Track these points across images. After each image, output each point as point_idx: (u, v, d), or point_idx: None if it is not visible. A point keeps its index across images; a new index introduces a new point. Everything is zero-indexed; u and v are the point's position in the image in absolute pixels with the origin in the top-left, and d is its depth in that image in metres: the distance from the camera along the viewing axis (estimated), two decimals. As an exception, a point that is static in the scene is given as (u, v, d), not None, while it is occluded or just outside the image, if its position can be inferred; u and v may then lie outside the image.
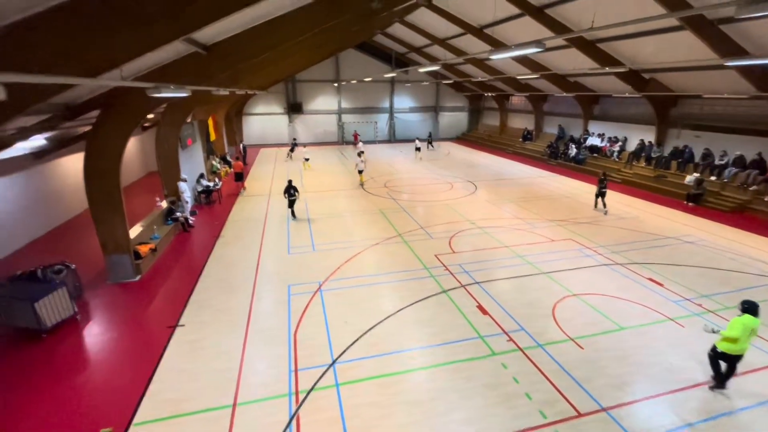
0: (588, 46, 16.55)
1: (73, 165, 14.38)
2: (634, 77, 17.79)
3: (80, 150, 14.17)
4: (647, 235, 12.33)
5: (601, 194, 14.95)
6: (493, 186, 19.31)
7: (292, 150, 28.04)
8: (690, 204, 15.78)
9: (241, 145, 26.54)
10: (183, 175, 14.44)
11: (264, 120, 34.10)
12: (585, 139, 24.01)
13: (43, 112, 8.50)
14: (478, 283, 9.23)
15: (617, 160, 21.39)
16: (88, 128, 11.77)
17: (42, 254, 10.71)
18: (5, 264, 10.27)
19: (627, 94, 19.83)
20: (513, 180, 20.90)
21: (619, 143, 21.62)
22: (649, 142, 19.78)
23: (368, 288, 9.06)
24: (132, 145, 19.92)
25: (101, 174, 8.94)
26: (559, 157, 25.07)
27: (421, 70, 17.47)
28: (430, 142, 32.49)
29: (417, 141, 29.40)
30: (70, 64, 4.85)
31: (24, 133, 9.13)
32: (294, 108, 34.38)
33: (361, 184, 19.43)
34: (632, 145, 21.04)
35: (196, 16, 5.06)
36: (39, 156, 12.68)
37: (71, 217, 14.40)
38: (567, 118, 26.44)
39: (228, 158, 24.06)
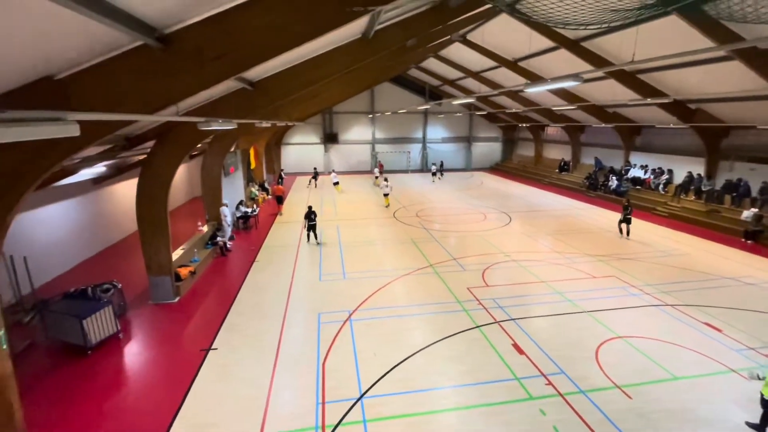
0: (628, 77, 16.22)
1: (124, 190, 15.52)
2: (679, 108, 17.14)
3: (133, 176, 15.30)
4: (700, 274, 11.45)
5: (625, 221, 14.96)
6: (529, 217, 18.84)
7: (315, 178, 28.58)
8: (748, 242, 14.58)
9: (282, 172, 27.56)
10: (225, 200, 15.09)
11: (301, 149, 35.51)
12: (626, 171, 23.10)
13: (105, 142, 9.34)
14: (513, 319, 8.84)
15: (663, 192, 20.32)
16: (142, 157, 12.76)
17: (94, 273, 11.43)
18: (61, 281, 11.04)
19: (672, 125, 19.06)
20: (549, 211, 20.30)
21: (665, 176, 20.59)
22: (698, 174, 18.72)
23: (398, 319, 8.90)
24: (179, 172, 21.29)
25: (151, 199, 9.59)
26: (598, 188, 24.19)
27: (455, 102, 17.74)
28: (440, 171, 32.67)
29: (433, 167, 31.53)
30: (133, 103, 5.36)
31: (88, 162, 10.04)
32: (330, 138, 35.63)
33: (386, 206, 20.42)
34: (679, 178, 19.97)
35: (248, 57, 5.48)
36: (97, 182, 13.81)
37: (121, 239, 15.39)
38: (606, 149, 25.66)
39: (266, 185, 25.06)
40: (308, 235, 14.85)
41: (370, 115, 35.56)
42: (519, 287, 10.71)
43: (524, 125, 32.72)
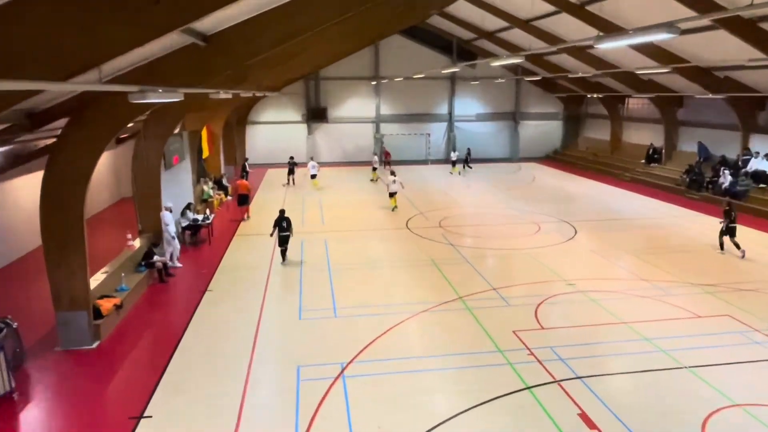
0: (745, 27, 16.17)
1: (24, 189, 15.73)
2: (822, 71, 17.01)
3: (36, 169, 15.50)
4: None
5: (729, 231, 15.11)
6: (602, 229, 18.74)
7: (291, 172, 28.47)
8: None
9: (246, 163, 27.87)
10: (168, 203, 15.22)
11: (275, 131, 35.95)
12: (745, 162, 22.92)
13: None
14: (580, 377, 8.74)
15: (799, 194, 20.12)
16: (50, 141, 12.94)
17: (-22, 306, 11.54)
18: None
19: (811, 96, 18.90)
20: (632, 221, 20.18)
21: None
22: None
23: (412, 377, 8.84)
24: (101, 163, 21.59)
25: (61, 201, 9.70)
26: (704, 187, 23.98)
27: (495, 63, 17.82)
28: (467, 162, 32.98)
29: (454, 155, 32.10)
30: (36, 65, 5.45)
31: (-26, 148, 10.22)
32: (315, 114, 36.05)
33: (393, 209, 21.25)
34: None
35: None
36: (-13, 176, 14.05)
37: (18, 258, 15.57)
38: (716, 130, 25.58)
39: (224, 182, 25.31)
40: (283, 253, 15.12)
41: (374, 83, 35.88)
42: (588, 331, 10.57)
43: (595, 96, 32.75)
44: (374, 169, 29.87)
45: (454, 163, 32.52)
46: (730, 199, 16.15)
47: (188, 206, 17.46)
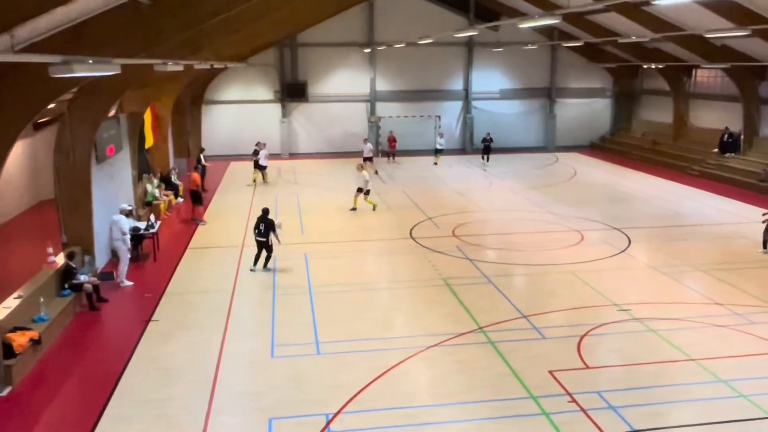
0: None
1: None
2: None
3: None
4: None
5: None
6: (664, 238, 18.80)
7: (259, 166, 28.39)
8: None
9: (202, 155, 27.86)
10: (125, 205, 15.85)
11: (240, 112, 35.99)
12: None
13: None
14: (636, 431, 8.73)
15: None
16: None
17: None
18: None
19: None
20: (702, 227, 20.24)
21: None
22: None
23: (418, 431, 8.82)
24: (14, 155, 21.55)
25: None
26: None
27: (524, 24, 17.87)
28: (486, 152, 33.07)
29: (440, 140, 32.89)
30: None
31: None
32: (292, 91, 36.13)
33: (362, 208, 21.96)
34: None
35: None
36: None
37: None
38: (808, 110, 25.64)
39: (174, 179, 25.28)
40: (255, 257, 15.50)
41: (367, 50, 35.97)
42: (647, 370, 10.52)
43: (654, 66, 32.89)
44: (365, 160, 29.30)
45: (437, 151, 32.92)
46: None
47: (129, 212, 17.38)
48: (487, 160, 33.03)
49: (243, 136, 34.67)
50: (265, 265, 15.91)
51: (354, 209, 22.47)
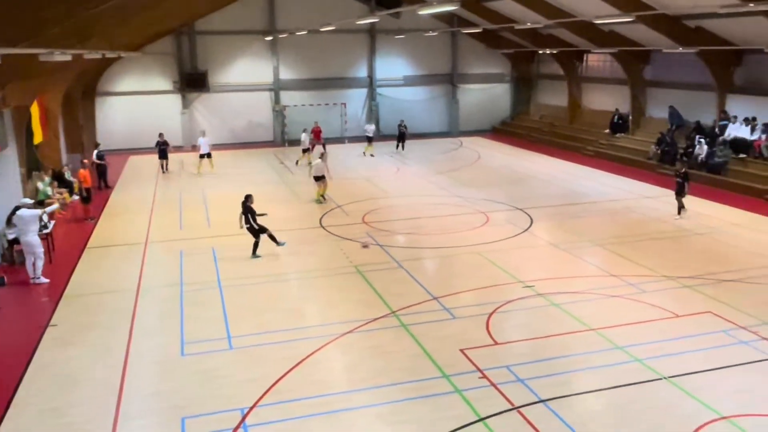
0: (716, -33, 17.48)
1: None
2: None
3: None
4: None
5: (680, 190, 18.83)
6: (563, 216, 19.63)
7: (163, 155, 28.16)
8: None
9: (97, 149, 26.59)
10: (26, 200, 15.46)
11: (137, 104, 34.57)
12: (722, 129, 24.82)
13: None
14: (543, 401, 9.09)
15: (782, 164, 22.10)
16: None
17: None
18: None
19: (790, 49, 20.75)
20: (597, 204, 21.29)
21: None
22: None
23: (337, 419, 8.82)
24: None
25: None
26: (678, 160, 25.69)
27: (424, 11, 18.12)
28: (400, 139, 33.22)
29: (369, 128, 32.58)
30: None
31: None
32: (192, 81, 35.05)
33: (321, 198, 22.20)
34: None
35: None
36: None
37: None
38: (688, 91, 27.52)
39: (68, 176, 24.10)
40: (255, 246, 16.11)
41: (269, 38, 35.39)
42: (551, 342, 10.99)
43: (548, 52, 34.15)
44: (305, 150, 29.33)
45: (370, 140, 32.66)
46: (682, 168, 19.68)
47: (16, 210, 16.42)
48: (402, 148, 33.12)
49: (141, 128, 33.34)
50: (253, 252, 16.08)
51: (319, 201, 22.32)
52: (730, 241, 16.74)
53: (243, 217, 16.01)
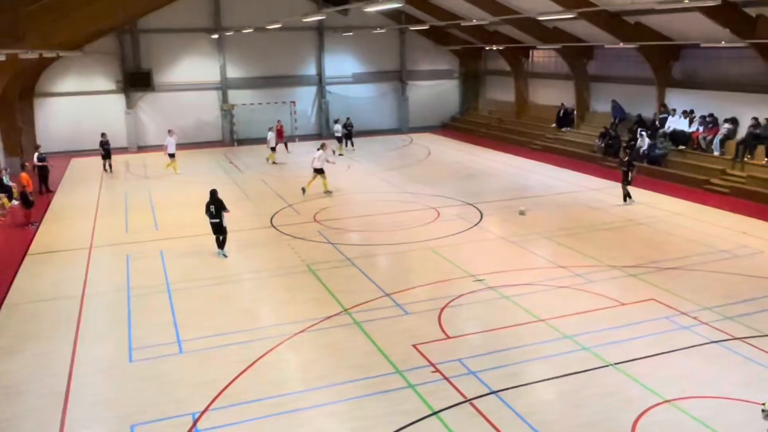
0: (652, -35, 17.99)
1: None
2: (733, 13, 19.45)
3: None
4: (781, 283, 13.16)
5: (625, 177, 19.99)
6: (512, 210, 19.95)
7: (106, 155, 28.12)
8: None
9: (35, 156, 25.72)
10: None
11: (79, 105, 33.57)
12: (662, 122, 25.63)
13: None
14: (495, 392, 9.26)
15: (719, 154, 22.94)
16: None
17: None
18: None
19: (723, 44, 21.56)
20: (545, 197, 21.73)
21: (726, 125, 23.15)
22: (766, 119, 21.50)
23: (291, 419, 8.80)
24: None
25: None
26: (621, 151, 26.38)
27: (371, 8, 18.13)
28: (347, 137, 33.26)
29: (338, 127, 32.09)
30: None
31: None
32: (136, 80, 34.23)
33: (328, 190, 22.91)
34: (744, 128, 22.70)
35: None
36: None
37: None
38: (630, 85, 28.30)
39: (6, 180, 23.23)
40: (216, 241, 16.06)
41: (215, 36, 34.84)
42: (502, 335, 11.19)
43: (495, 48, 34.59)
44: (272, 148, 29.59)
45: (340, 140, 32.35)
46: (628, 156, 20.75)
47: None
48: (352, 146, 33.04)
49: (84, 130, 32.53)
50: (221, 246, 16.06)
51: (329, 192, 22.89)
52: (671, 230, 17.31)
53: (212, 208, 15.83)
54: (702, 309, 11.95)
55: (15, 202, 22.22)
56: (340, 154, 31.33)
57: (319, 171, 22.40)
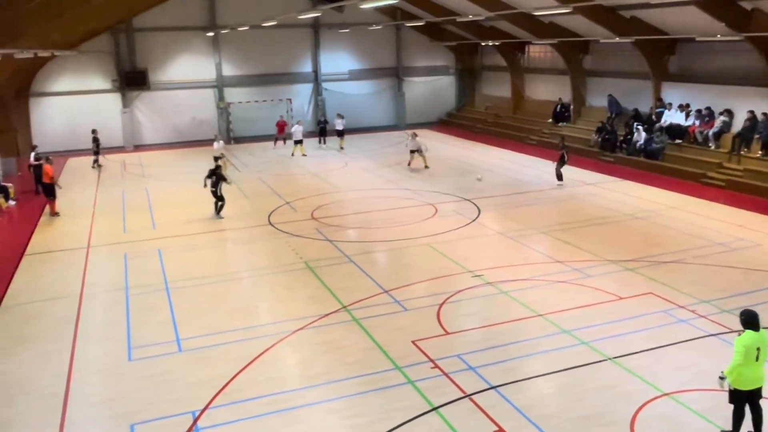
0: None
1: None
2: (728, 7, 19.47)
3: None
4: (778, 276, 13.20)
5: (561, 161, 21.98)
6: (509, 205, 19.96)
7: (97, 152, 28.66)
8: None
9: (32, 155, 25.69)
10: None
11: (75, 104, 33.51)
12: (659, 116, 25.65)
13: None
14: (494, 387, 9.27)
15: (714, 148, 22.97)
16: None
17: None
18: None
19: (719, 37, 21.58)
20: (542, 192, 21.74)
21: (722, 118, 23.17)
22: (764, 114, 21.52)
23: (291, 417, 8.80)
24: None
25: None
26: (618, 147, 26.46)
27: (366, 5, 18.09)
28: (322, 133, 33.82)
29: (339, 122, 32.51)
30: None
31: None
32: (132, 80, 34.17)
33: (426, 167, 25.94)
34: (739, 122, 22.72)
35: None
36: None
37: None
38: (626, 79, 28.32)
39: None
40: (215, 207, 18.57)
41: (210, 33, 34.76)
42: (501, 330, 11.20)
43: (491, 44, 34.57)
44: (296, 142, 30.44)
45: (340, 133, 32.55)
46: (563, 140, 23.00)
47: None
48: (324, 143, 33.40)
49: (80, 129, 32.40)
50: (218, 212, 18.53)
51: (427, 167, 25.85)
52: (668, 224, 17.35)
53: (211, 180, 17.07)
54: (700, 302, 11.98)
55: (11, 203, 22.23)
56: (341, 148, 31.95)
57: (415, 151, 25.71)
